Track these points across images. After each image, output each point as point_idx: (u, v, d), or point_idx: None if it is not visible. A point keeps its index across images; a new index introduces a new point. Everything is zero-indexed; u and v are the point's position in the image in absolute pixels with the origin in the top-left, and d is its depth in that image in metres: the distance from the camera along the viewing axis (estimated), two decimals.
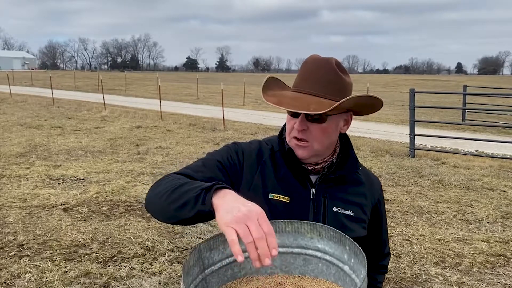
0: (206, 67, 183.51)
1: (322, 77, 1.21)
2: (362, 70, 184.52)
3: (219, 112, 13.62)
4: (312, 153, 1.25)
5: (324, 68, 1.22)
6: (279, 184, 1.28)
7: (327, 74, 1.21)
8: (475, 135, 11.91)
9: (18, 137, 10.07)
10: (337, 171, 1.30)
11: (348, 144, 1.35)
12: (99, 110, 15.84)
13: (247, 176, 1.28)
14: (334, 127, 1.26)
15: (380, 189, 1.43)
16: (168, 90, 30.46)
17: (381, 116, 17.47)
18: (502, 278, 3.74)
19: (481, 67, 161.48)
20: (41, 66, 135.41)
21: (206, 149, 9.15)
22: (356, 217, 1.30)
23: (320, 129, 1.22)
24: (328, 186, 1.29)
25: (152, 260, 3.90)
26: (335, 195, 1.29)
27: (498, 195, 6.21)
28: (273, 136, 1.39)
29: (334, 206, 1.28)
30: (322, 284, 1.07)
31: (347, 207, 1.29)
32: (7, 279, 3.47)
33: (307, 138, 1.23)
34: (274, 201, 1.25)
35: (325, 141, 1.25)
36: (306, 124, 1.22)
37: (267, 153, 1.33)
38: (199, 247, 1.09)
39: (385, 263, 1.53)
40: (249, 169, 1.29)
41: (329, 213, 1.27)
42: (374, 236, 1.43)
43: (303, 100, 1.19)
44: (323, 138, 1.24)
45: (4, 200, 5.47)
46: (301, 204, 1.26)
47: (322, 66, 1.22)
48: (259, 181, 1.28)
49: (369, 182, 1.38)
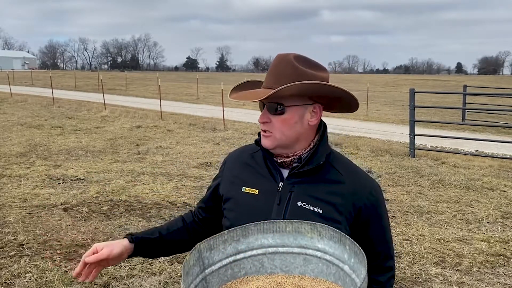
0: (206, 67, 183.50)
1: (279, 71, 1.29)
2: (362, 70, 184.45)
3: (219, 112, 13.62)
4: (275, 143, 1.31)
5: (282, 63, 1.29)
6: (253, 178, 1.37)
7: (283, 68, 1.28)
8: (475, 135, 11.91)
9: (18, 137, 10.07)
10: (305, 165, 1.32)
11: (323, 139, 1.36)
12: (99, 110, 15.84)
13: (226, 176, 1.45)
14: (297, 119, 1.30)
15: (372, 192, 1.34)
16: (168, 90, 30.45)
17: (381, 116, 17.47)
18: (502, 278, 3.74)
19: (481, 67, 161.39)
20: (41, 66, 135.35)
21: (206, 149, 9.15)
22: (325, 216, 1.26)
23: (280, 120, 1.29)
24: (298, 181, 1.31)
25: (152, 259, 3.90)
26: (303, 190, 1.30)
27: (498, 195, 6.21)
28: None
29: (299, 201, 1.29)
30: (322, 284, 1.08)
31: (315, 203, 1.28)
32: (7, 279, 3.47)
33: (270, 130, 1.31)
34: (245, 193, 1.36)
35: (287, 132, 1.30)
36: (269, 116, 1.30)
37: (248, 152, 1.45)
38: (199, 247, 1.09)
39: (380, 279, 1.35)
40: (229, 171, 1.45)
41: (291, 207, 1.28)
42: (363, 243, 1.27)
43: (256, 93, 1.29)
44: (284, 129, 1.30)
45: (4, 199, 5.48)
46: (267, 196, 1.32)
47: (281, 61, 1.30)
48: (237, 177, 1.41)
49: (353, 182, 1.32)
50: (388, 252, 1.38)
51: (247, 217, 1.26)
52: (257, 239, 1.15)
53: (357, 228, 1.32)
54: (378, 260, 1.36)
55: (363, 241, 1.32)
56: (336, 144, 9.84)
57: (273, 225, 1.15)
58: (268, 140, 1.32)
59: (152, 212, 5.16)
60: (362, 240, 1.32)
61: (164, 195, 5.84)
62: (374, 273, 1.34)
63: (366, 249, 1.32)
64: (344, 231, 1.27)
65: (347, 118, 16.06)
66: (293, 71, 1.27)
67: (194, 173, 7.07)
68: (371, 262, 1.31)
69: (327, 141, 1.37)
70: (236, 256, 1.14)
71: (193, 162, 7.88)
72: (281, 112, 1.28)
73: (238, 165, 1.44)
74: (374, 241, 1.35)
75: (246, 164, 1.42)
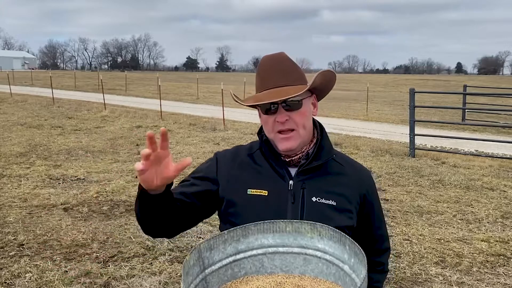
0: (206, 67, 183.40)
1: (282, 69, 1.30)
2: (362, 70, 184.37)
3: (219, 112, 13.62)
4: (298, 140, 1.30)
5: (279, 61, 1.31)
6: (258, 179, 1.33)
7: (284, 66, 1.30)
8: (475, 135, 11.91)
9: (18, 137, 10.07)
10: (313, 161, 1.33)
11: (322, 135, 1.39)
12: (99, 110, 15.84)
13: (223, 176, 1.36)
14: (309, 111, 1.33)
15: (370, 180, 1.42)
16: (168, 90, 30.44)
17: (381, 116, 17.47)
18: (502, 278, 3.74)
19: (481, 67, 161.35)
20: (41, 66, 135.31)
21: (206, 149, 9.15)
22: (339, 207, 1.30)
23: (300, 114, 1.29)
24: (307, 177, 1.32)
25: (152, 259, 3.90)
26: (315, 185, 1.31)
27: (498, 195, 6.21)
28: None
29: (313, 196, 1.30)
30: (322, 283, 1.08)
31: (328, 197, 1.31)
32: (7, 279, 3.47)
33: (292, 127, 1.29)
34: (252, 196, 1.31)
35: (307, 124, 1.32)
36: (286, 114, 1.27)
37: (244, 153, 1.40)
38: (199, 247, 1.09)
39: (381, 260, 1.45)
40: (226, 172, 1.36)
41: (307, 203, 1.29)
42: (365, 228, 1.41)
43: (278, 92, 1.27)
44: (306, 122, 1.31)
45: (4, 199, 5.48)
46: (279, 196, 1.30)
47: (277, 60, 1.31)
48: (237, 180, 1.34)
49: (355, 173, 1.39)
50: (385, 233, 1.48)
51: (260, 220, 1.17)
52: (257, 239, 1.15)
53: (361, 216, 1.38)
54: (378, 242, 1.45)
55: (366, 227, 1.42)
56: (336, 144, 9.84)
57: (273, 225, 1.15)
58: (292, 140, 1.29)
59: None
60: (365, 226, 1.41)
61: None
62: (375, 255, 1.43)
63: (368, 234, 1.42)
64: (354, 220, 1.34)
65: (347, 118, 16.06)
66: (295, 67, 1.32)
67: None
68: (373, 246, 1.43)
69: (327, 136, 1.40)
70: (236, 256, 1.14)
71: (193, 162, 7.86)
72: (299, 106, 1.29)
73: (236, 166, 1.37)
74: (375, 225, 1.43)
75: (245, 165, 1.37)
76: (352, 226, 1.32)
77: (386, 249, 1.48)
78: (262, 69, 1.32)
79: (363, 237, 1.38)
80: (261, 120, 1.34)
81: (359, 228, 1.37)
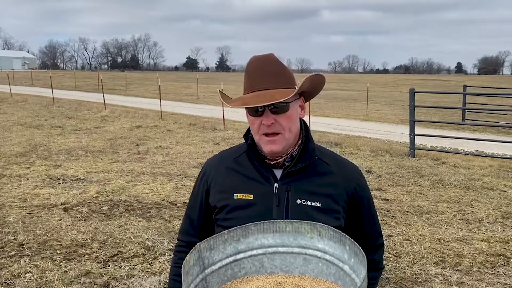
0: (206, 67, 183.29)
1: (270, 71, 1.28)
2: (362, 70, 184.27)
3: (219, 111, 13.61)
4: (284, 143, 1.30)
5: (268, 63, 1.30)
6: (243, 183, 1.34)
7: (273, 68, 1.29)
8: (475, 135, 11.91)
9: (18, 137, 10.07)
10: (297, 163, 1.33)
11: (307, 136, 1.38)
12: (99, 110, 15.84)
13: (212, 185, 1.40)
14: (296, 114, 1.33)
15: (358, 176, 1.40)
16: (168, 90, 30.45)
17: (381, 116, 17.47)
18: (502, 278, 3.74)
19: (481, 67, 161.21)
20: (41, 66, 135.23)
21: (206, 149, 9.15)
22: (325, 208, 1.30)
23: (287, 117, 1.29)
24: (292, 179, 1.32)
25: (152, 259, 3.90)
26: (300, 187, 1.31)
27: (498, 195, 6.21)
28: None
29: (298, 199, 1.30)
30: (322, 283, 1.07)
31: (313, 198, 1.30)
32: (7, 279, 3.47)
33: (277, 130, 1.28)
34: (238, 200, 1.32)
35: (293, 128, 1.31)
36: (273, 117, 1.27)
37: (230, 158, 1.41)
38: (199, 247, 1.09)
39: (376, 257, 1.43)
40: (213, 180, 1.40)
41: (292, 205, 1.29)
42: (357, 225, 1.39)
43: (265, 95, 1.25)
44: (292, 125, 1.31)
45: (4, 199, 5.47)
46: (264, 200, 1.31)
47: (266, 62, 1.30)
48: (224, 185, 1.36)
49: (341, 171, 1.38)
50: (378, 230, 1.46)
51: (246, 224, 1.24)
52: (257, 239, 1.15)
53: (351, 214, 1.37)
54: (371, 240, 1.43)
55: (357, 224, 1.40)
56: (336, 144, 9.84)
57: (273, 225, 1.15)
58: (277, 143, 1.29)
59: (152, 212, 5.16)
60: (356, 223, 1.40)
61: (164, 195, 5.83)
62: (369, 252, 1.38)
63: (360, 231, 1.39)
64: (342, 220, 1.33)
65: (347, 118, 16.07)
66: (283, 69, 1.31)
67: (194, 173, 7.06)
68: (365, 242, 1.40)
69: (311, 137, 1.40)
70: (236, 256, 1.14)
71: (193, 162, 7.88)
72: (286, 109, 1.28)
73: (222, 172, 1.39)
74: (366, 222, 1.41)
75: (231, 169, 1.38)
76: (339, 227, 1.30)
77: (380, 245, 1.46)
78: (251, 69, 1.31)
79: (356, 234, 1.35)
80: (248, 121, 1.35)
81: (351, 226, 1.36)
